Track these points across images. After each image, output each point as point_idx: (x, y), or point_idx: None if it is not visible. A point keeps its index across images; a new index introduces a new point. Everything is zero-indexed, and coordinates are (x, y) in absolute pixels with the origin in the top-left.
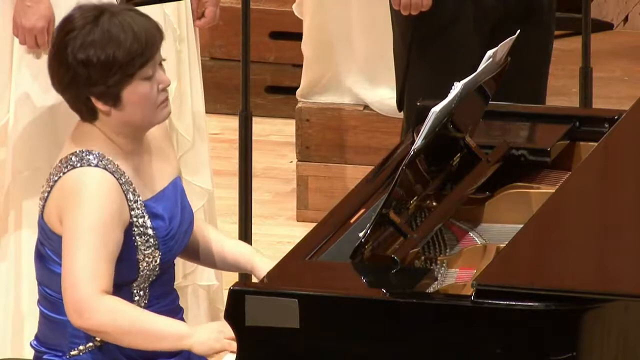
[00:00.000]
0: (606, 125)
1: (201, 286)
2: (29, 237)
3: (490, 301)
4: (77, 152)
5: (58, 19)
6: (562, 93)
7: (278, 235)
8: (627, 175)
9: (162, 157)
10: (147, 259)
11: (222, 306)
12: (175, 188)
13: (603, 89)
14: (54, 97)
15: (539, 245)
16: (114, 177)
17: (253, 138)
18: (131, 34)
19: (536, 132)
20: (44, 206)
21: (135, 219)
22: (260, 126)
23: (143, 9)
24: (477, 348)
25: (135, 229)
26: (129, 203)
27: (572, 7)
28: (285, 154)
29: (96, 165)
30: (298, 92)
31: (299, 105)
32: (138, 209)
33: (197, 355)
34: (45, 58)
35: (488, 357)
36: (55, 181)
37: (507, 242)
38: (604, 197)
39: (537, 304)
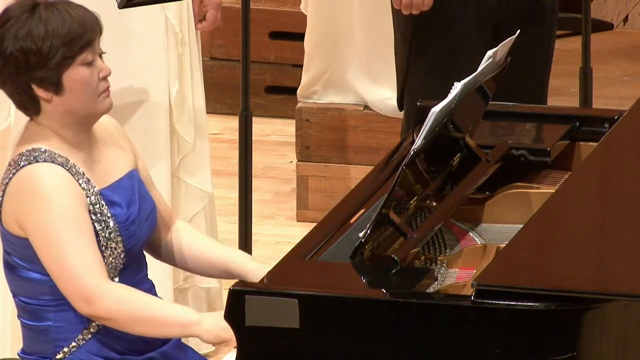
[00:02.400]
0: (606, 125)
1: (201, 288)
2: None
3: (490, 301)
4: (24, 152)
5: None
6: (562, 93)
7: (278, 235)
8: (627, 175)
9: (116, 149)
10: (110, 245)
11: (222, 308)
12: (132, 179)
13: (603, 89)
14: None
15: (539, 245)
16: (64, 168)
17: (253, 138)
18: (69, 19)
19: (536, 132)
20: (0, 212)
21: (91, 207)
22: (260, 126)
23: (144, 9)
24: (477, 348)
25: (94, 216)
26: (84, 192)
27: (572, 7)
28: (285, 154)
29: (44, 160)
30: (299, 89)
31: (299, 105)
32: (94, 196)
33: (188, 350)
34: None
35: (488, 357)
36: (7, 184)
37: (507, 242)
38: (604, 197)
39: (537, 304)
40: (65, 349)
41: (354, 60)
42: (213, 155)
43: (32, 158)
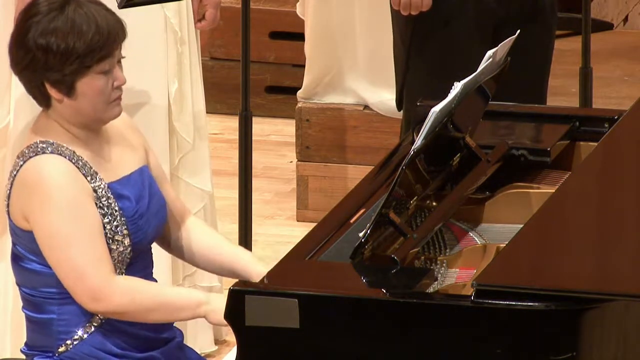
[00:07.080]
0: (606, 125)
1: (202, 287)
2: None
3: (490, 301)
4: (32, 144)
5: None
6: (562, 93)
7: (278, 235)
8: (627, 175)
9: (126, 145)
10: (117, 238)
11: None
12: (142, 175)
13: (603, 89)
14: None
15: (539, 245)
16: (70, 161)
17: (253, 138)
18: (94, 26)
19: (536, 132)
20: (8, 205)
21: (98, 200)
22: (260, 126)
23: (143, 9)
24: (477, 348)
25: (100, 210)
26: (90, 184)
27: (572, 7)
28: (285, 154)
29: (51, 152)
30: (300, 91)
31: (299, 105)
32: (101, 189)
33: (188, 350)
34: None
35: (488, 357)
36: (15, 176)
37: (507, 242)
38: (604, 197)
39: (537, 304)
40: (68, 342)
41: (355, 62)
42: (213, 155)
43: (39, 150)
